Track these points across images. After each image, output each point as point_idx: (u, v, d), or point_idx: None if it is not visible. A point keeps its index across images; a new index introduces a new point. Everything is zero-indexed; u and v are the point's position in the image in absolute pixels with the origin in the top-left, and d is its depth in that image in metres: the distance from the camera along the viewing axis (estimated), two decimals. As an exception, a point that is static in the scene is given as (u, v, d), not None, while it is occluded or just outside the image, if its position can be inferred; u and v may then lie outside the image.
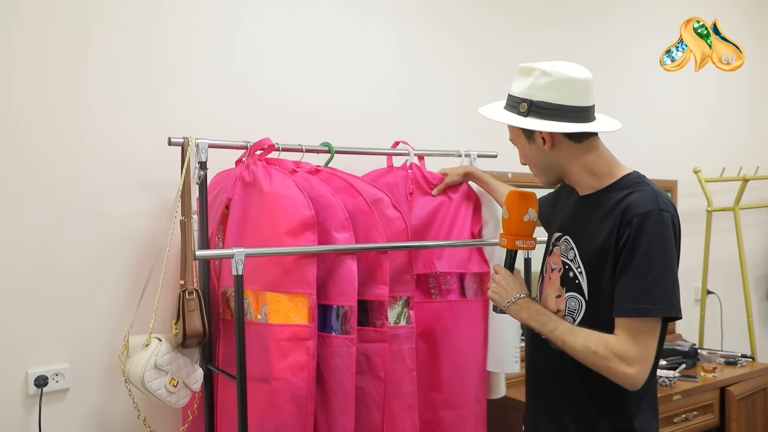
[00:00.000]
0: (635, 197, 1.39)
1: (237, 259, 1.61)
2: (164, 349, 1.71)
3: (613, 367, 1.35)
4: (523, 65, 1.49)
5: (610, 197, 1.45)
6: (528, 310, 1.53)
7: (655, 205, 1.37)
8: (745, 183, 3.39)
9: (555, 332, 1.45)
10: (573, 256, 1.49)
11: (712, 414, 2.79)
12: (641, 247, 1.35)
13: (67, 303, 1.83)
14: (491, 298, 1.60)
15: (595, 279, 1.44)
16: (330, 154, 1.98)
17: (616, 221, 1.39)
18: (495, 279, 1.60)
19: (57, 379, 1.81)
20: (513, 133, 1.57)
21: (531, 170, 1.58)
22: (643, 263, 1.34)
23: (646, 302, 1.33)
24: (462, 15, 2.65)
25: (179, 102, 2.00)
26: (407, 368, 1.88)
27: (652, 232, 1.35)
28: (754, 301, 3.77)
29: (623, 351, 1.35)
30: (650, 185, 1.44)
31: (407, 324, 1.90)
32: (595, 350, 1.37)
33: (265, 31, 2.17)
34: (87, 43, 1.86)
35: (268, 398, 1.68)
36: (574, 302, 1.48)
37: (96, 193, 1.87)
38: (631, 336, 1.35)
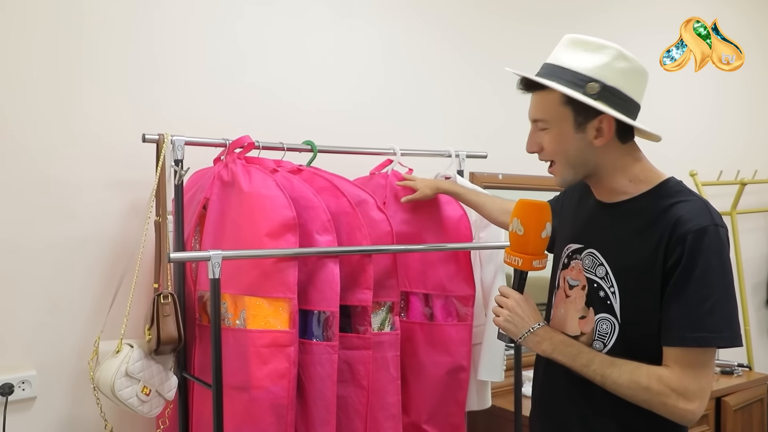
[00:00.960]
0: (685, 209, 1.23)
1: (214, 262, 1.55)
2: (136, 356, 1.64)
3: (671, 404, 1.20)
4: (583, 38, 1.30)
5: (648, 206, 1.29)
6: (551, 341, 1.33)
7: (710, 220, 1.22)
8: (743, 187, 3.34)
9: (591, 366, 1.27)
10: (604, 273, 1.31)
11: (707, 425, 2.74)
12: (698, 268, 1.19)
13: (35, 307, 1.76)
14: (504, 329, 1.37)
15: (630, 300, 1.28)
16: (313, 153, 1.91)
17: (664, 236, 1.23)
18: (507, 304, 1.37)
19: (23, 386, 1.73)
20: (556, 115, 1.31)
21: (552, 160, 1.35)
22: (701, 286, 1.19)
23: (707, 330, 1.18)
24: (449, 12, 2.60)
25: (155, 98, 1.93)
26: (391, 377, 1.82)
27: (709, 250, 1.20)
28: (752, 309, 3.72)
29: (682, 385, 1.19)
30: (696, 194, 1.29)
31: (392, 330, 1.83)
32: (647, 386, 1.21)
33: (247, 26, 2.11)
34: (63, 41, 1.79)
35: (246, 407, 1.62)
36: (606, 325, 1.31)
37: (66, 192, 1.80)
38: (690, 368, 1.20)
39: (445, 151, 2.20)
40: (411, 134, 2.42)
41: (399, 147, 2.07)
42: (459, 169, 2.23)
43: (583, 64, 1.28)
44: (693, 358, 1.21)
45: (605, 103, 1.27)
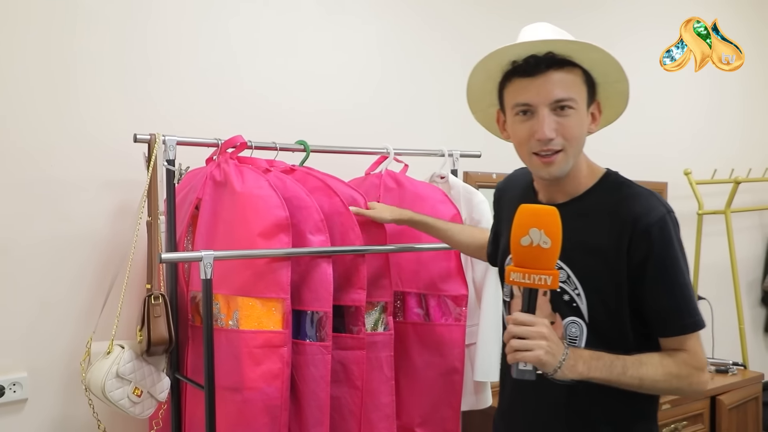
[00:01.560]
0: (638, 203, 1.23)
1: (205, 263, 1.55)
2: (127, 357, 1.63)
3: (696, 381, 1.25)
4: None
5: (598, 203, 1.27)
6: (582, 359, 1.20)
7: (664, 209, 1.24)
8: (737, 185, 3.34)
9: (627, 372, 1.21)
10: (566, 276, 1.28)
11: (702, 424, 2.74)
12: (669, 257, 1.22)
13: (26, 308, 1.75)
14: (543, 362, 1.16)
15: (596, 299, 1.26)
16: (305, 153, 1.90)
17: (625, 232, 1.22)
18: (543, 335, 1.16)
19: (14, 389, 1.72)
20: (581, 95, 1.26)
21: (566, 148, 1.26)
22: (677, 274, 1.23)
23: (692, 315, 1.25)
24: (445, 10, 2.58)
25: (148, 97, 1.92)
26: (385, 377, 1.81)
27: (672, 238, 1.23)
28: (746, 307, 3.72)
29: (700, 361, 1.26)
30: (638, 185, 1.29)
31: (385, 330, 1.82)
32: (677, 373, 1.24)
33: (240, 26, 2.10)
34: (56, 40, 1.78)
35: (239, 409, 1.61)
36: (575, 328, 1.28)
37: (58, 192, 1.79)
38: (698, 344, 1.26)
39: (438, 151, 2.19)
40: (406, 133, 2.42)
41: (393, 146, 2.06)
42: (453, 169, 2.22)
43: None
44: (694, 338, 1.26)
45: None
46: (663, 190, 3.39)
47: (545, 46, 1.24)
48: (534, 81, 1.24)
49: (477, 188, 2.48)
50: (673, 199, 3.41)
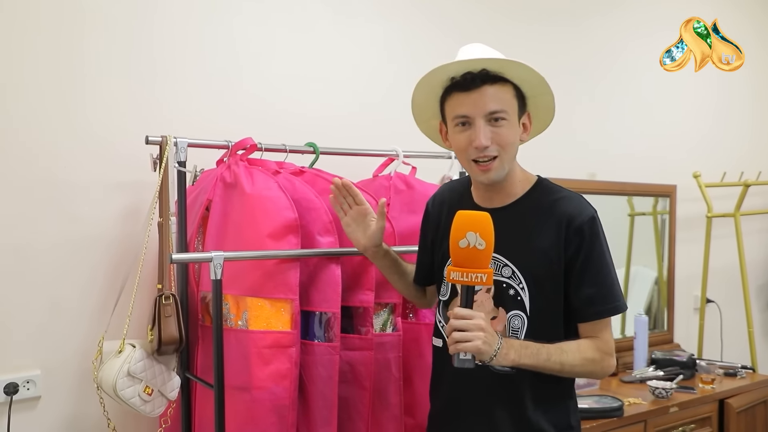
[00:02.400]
0: (570, 205, 1.42)
1: (216, 263, 1.56)
2: (138, 356, 1.65)
3: (607, 364, 1.42)
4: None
5: (534, 205, 1.44)
6: (514, 348, 1.34)
7: (591, 209, 1.43)
8: (747, 188, 3.33)
9: (551, 358, 1.37)
10: (510, 273, 1.43)
11: (710, 427, 2.73)
12: (595, 252, 1.40)
13: (39, 307, 1.77)
14: (480, 351, 1.28)
15: (537, 291, 1.41)
16: (315, 155, 1.91)
17: (561, 230, 1.39)
18: (481, 326, 1.28)
19: (28, 386, 1.74)
20: (512, 106, 1.40)
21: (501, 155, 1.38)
22: (602, 266, 1.41)
23: (612, 301, 1.41)
24: (453, 12, 2.59)
25: (159, 100, 1.94)
26: (394, 377, 1.82)
27: (598, 235, 1.41)
28: (756, 311, 3.71)
29: (609, 347, 1.43)
30: (564, 188, 1.47)
31: (393, 332, 1.83)
32: (592, 358, 1.40)
33: (247, 28, 2.12)
34: (66, 44, 1.80)
35: (248, 408, 1.63)
36: (518, 320, 1.43)
37: (70, 194, 1.81)
38: (607, 331, 1.44)
39: (446, 153, 2.20)
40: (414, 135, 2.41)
41: (401, 148, 2.07)
42: (461, 171, 2.23)
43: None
44: (605, 324, 1.44)
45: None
46: (672, 192, 3.38)
47: (480, 64, 1.38)
48: (470, 95, 1.38)
49: (485, 190, 2.49)
50: (682, 202, 3.41)
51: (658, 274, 3.39)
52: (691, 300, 3.49)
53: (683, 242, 3.44)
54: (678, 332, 3.41)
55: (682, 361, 2.94)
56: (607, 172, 3.01)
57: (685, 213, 3.43)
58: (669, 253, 3.39)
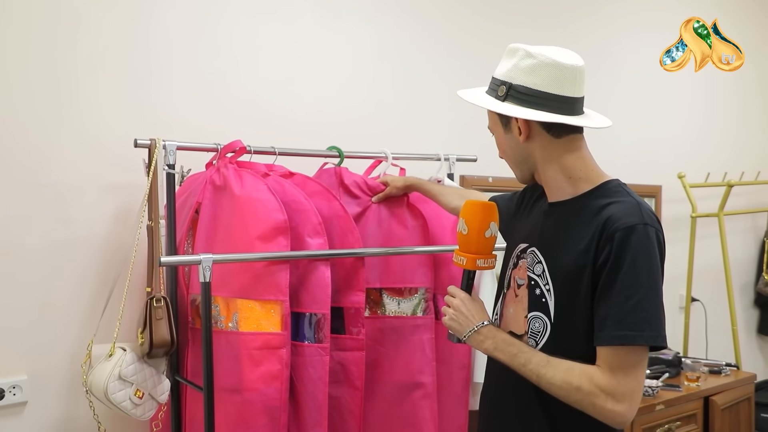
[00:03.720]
0: (616, 209, 1.25)
1: (204, 266, 1.56)
2: (129, 360, 1.65)
3: (600, 405, 1.20)
4: (511, 45, 1.35)
5: (586, 206, 1.30)
6: (493, 339, 1.34)
7: (639, 218, 1.22)
8: (730, 189, 3.37)
9: (528, 365, 1.28)
10: (541, 271, 1.33)
11: (695, 424, 2.76)
12: (624, 266, 1.20)
13: (26, 311, 1.76)
14: (449, 326, 1.41)
15: (564, 299, 1.29)
16: (340, 158, 1.95)
17: (595, 235, 1.24)
18: (453, 304, 1.40)
19: (14, 392, 1.73)
20: (491, 120, 1.42)
21: (508, 163, 1.45)
22: (627, 284, 1.20)
23: (629, 329, 1.19)
24: (439, 15, 2.61)
25: (150, 102, 1.94)
26: (428, 358, 1.87)
27: (636, 248, 1.20)
28: (740, 309, 3.75)
29: (611, 386, 1.19)
30: (632, 195, 1.30)
31: (425, 315, 1.88)
32: (578, 386, 1.21)
33: (238, 32, 2.12)
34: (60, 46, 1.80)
35: (239, 410, 1.63)
36: (537, 323, 1.33)
37: (59, 196, 1.80)
38: (620, 369, 1.20)
39: (435, 155, 2.21)
40: (402, 137, 2.44)
41: (390, 150, 2.08)
42: (449, 173, 2.24)
43: (500, 70, 1.36)
44: (621, 358, 1.20)
45: (513, 102, 1.32)
46: (657, 193, 3.42)
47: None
48: None
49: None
50: (667, 203, 3.45)
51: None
52: (676, 299, 3.53)
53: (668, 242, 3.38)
54: (664, 331, 3.44)
55: (668, 359, 2.97)
56: (593, 173, 3.02)
57: (670, 213, 3.46)
58: (654, 253, 3.42)
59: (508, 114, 1.33)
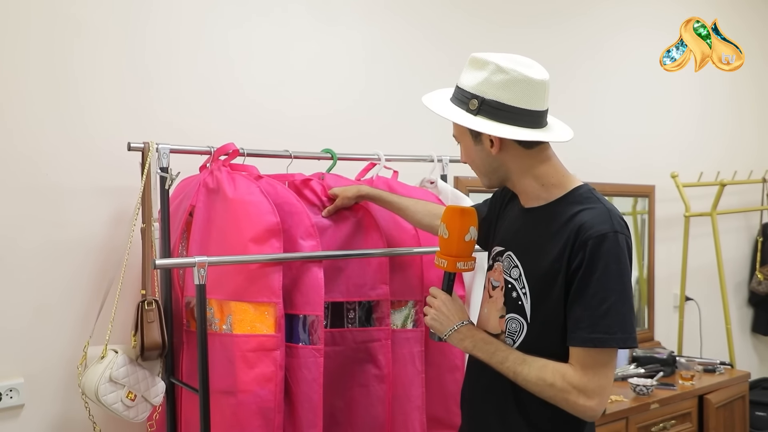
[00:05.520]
0: (588, 216, 1.30)
1: (199, 268, 1.56)
2: (120, 362, 1.65)
3: (572, 400, 1.28)
4: (477, 56, 1.37)
5: (559, 212, 1.35)
6: (472, 338, 1.42)
7: (609, 226, 1.29)
8: (723, 188, 3.38)
9: (505, 363, 1.35)
10: (518, 275, 1.39)
11: (690, 423, 2.77)
12: (596, 272, 1.26)
13: (22, 314, 1.76)
14: (430, 326, 1.48)
15: (539, 301, 1.35)
16: (333, 161, 1.95)
17: (569, 242, 1.30)
18: (434, 304, 1.47)
19: (11, 395, 1.74)
20: (457, 130, 1.45)
21: (473, 170, 1.48)
22: (599, 289, 1.26)
23: (603, 332, 1.25)
24: (432, 16, 2.62)
25: (145, 106, 1.94)
26: (417, 370, 1.88)
27: (608, 255, 1.27)
28: (733, 308, 3.77)
29: (582, 383, 1.27)
30: (602, 201, 1.35)
31: (414, 327, 1.89)
32: (551, 383, 1.29)
33: (233, 36, 2.12)
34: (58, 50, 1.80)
35: (233, 412, 1.63)
36: (515, 324, 1.39)
37: (54, 198, 1.80)
38: (590, 367, 1.27)
39: (428, 156, 2.21)
40: (396, 139, 2.44)
41: (383, 152, 2.09)
42: (443, 174, 2.25)
43: (469, 82, 1.37)
44: (593, 357, 1.28)
45: (486, 117, 1.34)
46: (650, 192, 3.43)
47: None
48: None
49: (467, 193, 2.52)
50: (660, 202, 3.46)
51: (639, 273, 3.44)
52: (670, 298, 3.55)
53: (662, 241, 3.49)
54: (658, 330, 3.46)
55: (663, 358, 2.98)
56: (587, 173, 3.02)
57: (663, 213, 3.48)
58: (649, 253, 3.44)
59: (485, 132, 1.35)
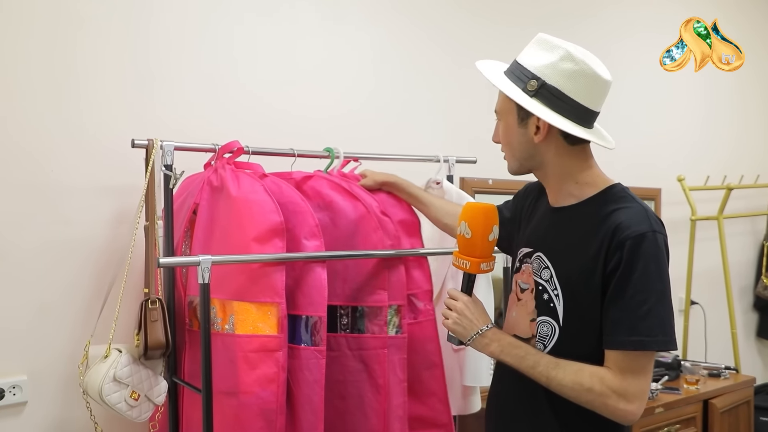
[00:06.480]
0: (625, 216, 1.26)
1: (203, 267, 1.55)
2: (124, 361, 1.64)
3: (612, 405, 1.24)
4: (546, 37, 1.32)
5: (592, 212, 1.31)
6: (499, 342, 1.36)
7: (648, 226, 1.25)
8: (729, 192, 3.37)
9: (537, 368, 1.30)
10: (549, 276, 1.34)
11: (694, 427, 2.76)
12: (635, 273, 1.22)
13: (25, 312, 1.76)
14: (453, 331, 1.41)
15: (573, 304, 1.31)
16: (330, 160, 1.93)
17: (605, 242, 1.25)
18: (456, 307, 1.40)
19: (14, 392, 1.73)
20: (504, 106, 1.38)
21: (504, 150, 1.42)
22: (638, 290, 1.22)
23: (643, 334, 1.22)
24: (439, 17, 2.61)
25: (149, 103, 1.93)
26: (398, 379, 1.81)
27: (647, 256, 1.23)
28: (739, 312, 3.75)
29: (622, 387, 1.23)
30: (637, 201, 1.31)
31: (398, 333, 1.82)
32: (589, 387, 1.25)
33: (239, 33, 2.12)
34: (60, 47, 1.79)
35: (235, 413, 1.62)
36: (546, 327, 1.35)
37: (58, 196, 1.80)
38: (630, 371, 1.23)
39: (434, 156, 2.20)
40: (402, 139, 2.43)
41: (389, 152, 2.07)
42: (449, 174, 2.24)
43: (532, 62, 1.31)
44: (632, 360, 1.24)
45: (541, 102, 1.30)
46: (657, 196, 3.42)
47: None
48: None
49: (473, 194, 2.51)
50: (666, 205, 3.44)
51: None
52: (675, 302, 3.48)
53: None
54: (663, 334, 3.44)
55: (668, 362, 2.96)
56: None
57: (669, 216, 3.46)
58: (654, 256, 3.41)
59: (542, 116, 1.29)
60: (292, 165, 1.91)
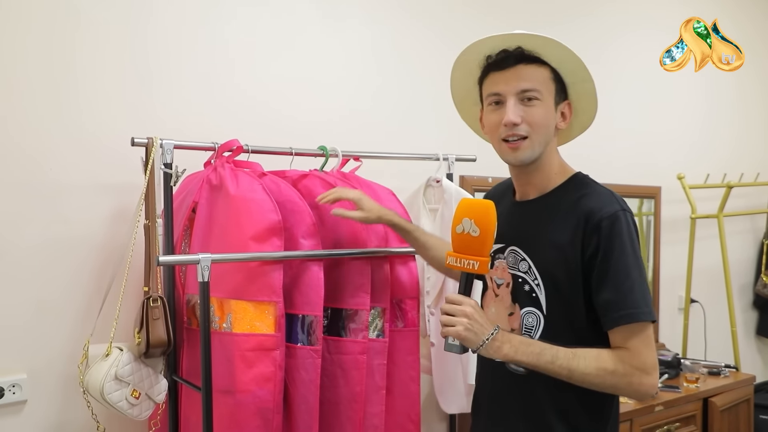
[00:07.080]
0: (594, 200, 1.32)
1: (203, 266, 1.56)
2: (125, 359, 1.64)
3: (637, 382, 1.26)
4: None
5: (560, 200, 1.36)
6: (510, 343, 1.30)
7: (617, 206, 1.31)
8: (729, 190, 3.37)
9: (556, 362, 1.27)
10: (527, 268, 1.36)
11: (694, 425, 2.76)
12: (615, 252, 1.27)
13: (24, 310, 1.76)
14: (464, 338, 1.28)
15: (554, 291, 1.33)
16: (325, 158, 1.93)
17: (579, 228, 1.30)
18: (465, 312, 1.28)
19: (14, 390, 1.73)
20: (547, 88, 1.35)
21: (529, 134, 1.34)
22: (621, 268, 1.27)
23: (631, 307, 1.26)
24: (440, 14, 2.60)
25: (148, 101, 1.93)
26: (376, 386, 1.79)
27: (622, 234, 1.28)
28: (739, 311, 3.75)
29: (641, 361, 1.26)
30: (599, 185, 1.38)
31: (379, 337, 1.80)
32: (613, 369, 1.26)
33: (238, 31, 2.11)
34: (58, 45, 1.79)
35: (232, 412, 1.62)
36: (531, 318, 1.36)
37: (57, 194, 1.80)
38: (640, 343, 1.26)
39: (434, 155, 2.20)
40: (401, 137, 2.43)
41: (388, 150, 2.08)
42: (449, 173, 2.24)
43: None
44: (637, 334, 1.27)
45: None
46: (657, 194, 3.41)
47: (514, 41, 1.36)
48: (504, 73, 1.37)
49: (473, 192, 2.51)
50: (666, 204, 3.44)
51: (644, 274, 3.41)
52: (675, 300, 3.53)
53: (668, 243, 3.48)
54: (663, 332, 3.44)
55: (667, 360, 2.96)
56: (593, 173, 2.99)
57: (669, 214, 3.46)
58: (654, 254, 3.42)
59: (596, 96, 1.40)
60: (290, 164, 1.91)
